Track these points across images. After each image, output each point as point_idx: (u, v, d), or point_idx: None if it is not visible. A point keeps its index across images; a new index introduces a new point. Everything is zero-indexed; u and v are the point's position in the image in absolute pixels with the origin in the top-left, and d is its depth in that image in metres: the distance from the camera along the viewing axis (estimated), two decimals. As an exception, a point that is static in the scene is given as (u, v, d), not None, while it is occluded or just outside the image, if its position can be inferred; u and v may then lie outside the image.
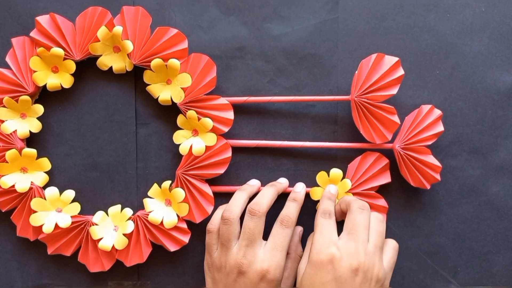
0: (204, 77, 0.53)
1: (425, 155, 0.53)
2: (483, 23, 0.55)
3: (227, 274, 0.49)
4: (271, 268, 0.48)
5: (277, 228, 0.50)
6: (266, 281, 0.48)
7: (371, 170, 0.54)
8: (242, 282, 0.48)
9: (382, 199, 0.54)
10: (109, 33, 0.53)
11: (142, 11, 0.53)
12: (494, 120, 0.55)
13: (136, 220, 0.54)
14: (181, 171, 0.53)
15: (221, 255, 0.50)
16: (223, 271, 0.49)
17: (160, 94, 0.54)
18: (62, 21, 0.53)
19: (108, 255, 0.54)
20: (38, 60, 0.53)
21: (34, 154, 0.54)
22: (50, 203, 0.54)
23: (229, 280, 0.49)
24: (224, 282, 0.49)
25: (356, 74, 0.53)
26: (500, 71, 0.55)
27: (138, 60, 0.53)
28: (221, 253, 0.50)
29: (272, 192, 0.52)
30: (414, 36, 0.55)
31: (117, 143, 0.56)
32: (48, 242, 0.54)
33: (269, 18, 0.55)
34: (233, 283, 0.48)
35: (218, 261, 0.50)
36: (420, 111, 0.53)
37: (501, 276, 0.55)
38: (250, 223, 0.49)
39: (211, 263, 0.51)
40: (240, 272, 0.48)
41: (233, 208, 0.50)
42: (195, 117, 0.53)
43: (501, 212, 0.55)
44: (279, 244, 0.49)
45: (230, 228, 0.49)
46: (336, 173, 0.54)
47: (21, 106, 0.53)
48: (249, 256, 0.48)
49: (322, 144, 0.55)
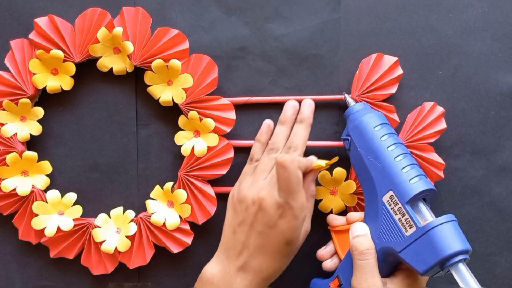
0: (205, 77, 0.53)
1: (428, 153, 0.53)
2: (486, 23, 0.55)
3: (248, 206, 0.48)
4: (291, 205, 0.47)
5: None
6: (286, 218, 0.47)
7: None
8: (260, 217, 0.47)
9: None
10: (109, 34, 0.52)
11: (142, 12, 0.53)
12: (496, 120, 0.55)
13: (139, 222, 0.54)
14: (183, 172, 0.53)
15: (249, 184, 0.49)
16: (245, 202, 0.49)
17: (161, 95, 0.54)
18: (61, 22, 0.53)
19: (111, 257, 0.54)
20: (38, 63, 0.53)
21: (35, 157, 0.53)
22: (51, 206, 0.54)
23: (249, 212, 0.48)
24: (244, 214, 0.48)
25: (357, 73, 0.53)
26: (503, 72, 0.55)
27: (138, 61, 0.52)
28: (250, 183, 0.50)
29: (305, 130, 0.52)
30: (416, 36, 0.55)
31: (118, 144, 0.56)
32: (51, 245, 0.54)
33: (271, 18, 0.55)
34: (252, 216, 0.48)
35: (244, 191, 0.49)
36: (422, 108, 0.53)
37: (504, 278, 0.55)
38: None
39: (237, 192, 0.50)
40: (259, 206, 0.48)
41: (278, 139, 0.51)
42: (197, 118, 0.53)
43: (503, 213, 0.55)
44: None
45: (273, 160, 0.50)
46: (340, 172, 0.54)
47: (21, 109, 0.53)
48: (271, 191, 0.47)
49: (324, 143, 0.55)
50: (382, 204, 0.47)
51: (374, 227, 0.48)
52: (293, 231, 0.47)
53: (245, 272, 0.48)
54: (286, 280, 0.55)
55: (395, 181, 0.46)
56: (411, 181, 0.46)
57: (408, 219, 0.45)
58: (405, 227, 0.45)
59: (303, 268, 0.56)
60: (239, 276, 0.48)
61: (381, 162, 0.47)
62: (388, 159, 0.47)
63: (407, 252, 0.44)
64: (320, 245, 0.55)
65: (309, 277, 0.55)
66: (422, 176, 0.46)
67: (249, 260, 0.48)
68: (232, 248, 0.49)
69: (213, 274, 0.48)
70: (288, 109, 0.53)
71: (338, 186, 0.54)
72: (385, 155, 0.47)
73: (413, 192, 0.45)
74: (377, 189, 0.47)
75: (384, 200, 0.47)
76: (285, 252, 0.48)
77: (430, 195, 0.47)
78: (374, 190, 0.48)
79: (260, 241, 0.47)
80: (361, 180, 0.50)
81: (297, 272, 0.56)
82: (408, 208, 0.45)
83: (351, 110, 0.52)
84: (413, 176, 0.46)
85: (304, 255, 0.55)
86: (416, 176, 0.46)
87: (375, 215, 0.48)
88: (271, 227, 0.47)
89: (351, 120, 0.51)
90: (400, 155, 0.47)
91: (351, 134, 0.50)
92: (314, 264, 0.55)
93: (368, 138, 0.49)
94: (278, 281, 0.51)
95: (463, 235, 0.44)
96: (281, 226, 0.47)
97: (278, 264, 0.48)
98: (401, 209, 0.46)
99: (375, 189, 0.48)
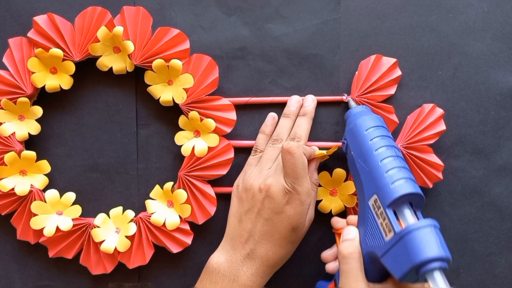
0: (206, 77, 0.53)
1: (427, 154, 0.53)
2: (486, 23, 0.55)
3: (254, 194, 0.50)
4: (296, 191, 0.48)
5: None
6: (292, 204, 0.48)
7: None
8: (267, 204, 0.49)
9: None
10: (109, 34, 0.52)
11: (143, 11, 0.53)
12: (496, 120, 0.55)
13: (139, 222, 0.54)
14: (183, 173, 0.53)
15: (255, 174, 0.51)
16: (251, 190, 0.50)
17: (161, 95, 0.53)
18: (61, 21, 0.53)
19: (110, 257, 0.54)
20: (37, 61, 0.53)
21: (33, 156, 0.53)
22: (50, 206, 0.53)
23: (255, 200, 0.49)
24: (250, 202, 0.50)
25: (356, 74, 0.54)
26: (503, 72, 0.55)
27: (139, 60, 0.52)
28: (255, 172, 0.51)
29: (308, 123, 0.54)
30: (416, 37, 0.55)
31: (118, 144, 0.56)
32: (49, 245, 0.54)
33: (271, 18, 0.55)
34: (259, 204, 0.49)
35: (250, 180, 0.51)
36: (422, 110, 0.54)
37: (504, 278, 0.55)
38: None
39: (242, 182, 0.52)
40: (267, 194, 0.49)
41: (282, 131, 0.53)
42: (198, 118, 0.53)
43: (503, 213, 0.55)
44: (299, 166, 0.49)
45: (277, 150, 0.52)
46: (339, 173, 0.54)
47: (19, 108, 0.53)
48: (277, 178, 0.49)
49: (324, 144, 0.55)
50: (368, 208, 0.46)
51: (362, 231, 0.47)
52: (299, 216, 0.49)
53: (251, 260, 0.49)
54: (286, 279, 0.55)
55: (379, 184, 0.45)
56: (393, 184, 0.44)
57: (388, 223, 0.43)
58: (385, 232, 0.44)
59: (303, 267, 0.56)
60: (246, 265, 0.48)
61: (368, 165, 0.46)
62: (374, 162, 0.46)
63: (387, 257, 0.43)
64: (320, 245, 0.55)
65: (309, 276, 0.55)
66: (407, 179, 0.44)
67: (255, 247, 0.49)
68: (238, 236, 0.50)
69: (220, 264, 0.49)
70: (292, 104, 0.54)
71: (338, 187, 0.54)
72: (372, 158, 0.46)
73: (394, 195, 0.43)
74: (364, 193, 0.47)
75: (369, 204, 0.46)
76: (290, 238, 0.49)
77: (417, 199, 0.45)
78: (363, 194, 0.47)
79: (267, 228, 0.49)
80: (355, 183, 0.49)
81: (297, 271, 0.56)
82: (388, 212, 0.43)
83: (349, 113, 0.52)
84: (396, 179, 0.44)
85: (304, 255, 0.55)
86: (399, 179, 0.44)
87: (363, 219, 0.47)
88: (278, 213, 0.48)
89: (348, 123, 0.51)
90: (387, 158, 0.46)
91: (346, 137, 0.50)
92: (314, 264, 0.55)
93: (359, 141, 0.48)
94: (279, 280, 0.51)
95: (442, 241, 0.41)
96: (287, 212, 0.48)
97: (284, 251, 0.49)
98: (383, 213, 0.44)
99: (364, 193, 0.47)
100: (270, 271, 0.49)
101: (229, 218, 0.51)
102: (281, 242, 0.49)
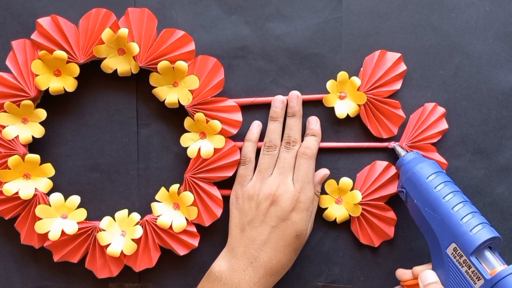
0: (211, 79, 0.52)
1: (431, 153, 0.53)
2: (488, 23, 0.55)
3: (259, 203, 0.50)
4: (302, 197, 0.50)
5: (300, 160, 0.52)
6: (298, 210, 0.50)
7: (381, 179, 0.54)
8: (273, 211, 0.50)
9: (391, 211, 0.54)
10: (114, 35, 0.52)
11: (148, 13, 0.52)
12: (498, 120, 0.55)
13: (145, 225, 0.53)
14: (189, 175, 0.53)
15: (256, 183, 0.51)
16: (255, 200, 0.51)
17: (166, 96, 0.53)
18: (64, 23, 0.52)
19: (116, 260, 0.53)
20: (40, 64, 0.52)
21: (37, 160, 0.53)
22: (55, 209, 0.53)
23: (261, 209, 0.50)
24: (254, 211, 0.50)
25: (361, 71, 0.54)
26: (504, 71, 0.55)
27: (144, 62, 0.52)
28: (256, 181, 0.51)
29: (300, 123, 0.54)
30: (418, 36, 0.55)
31: (118, 144, 0.55)
32: (54, 249, 0.53)
33: (272, 17, 0.55)
34: (264, 212, 0.50)
35: (252, 190, 0.51)
36: (424, 109, 0.54)
37: (505, 277, 0.55)
38: (285, 154, 0.52)
39: (241, 193, 0.52)
40: (273, 201, 0.50)
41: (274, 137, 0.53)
42: (204, 120, 0.52)
43: (505, 213, 0.55)
44: (305, 175, 0.51)
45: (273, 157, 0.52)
46: (346, 182, 0.54)
47: (22, 111, 0.52)
48: (283, 186, 0.50)
49: (326, 144, 0.55)
50: (447, 257, 0.46)
51: (442, 276, 0.47)
52: (303, 222, 0.50)
53: (254, 269, 0.49)
54: (287, 279, 0.55)
55: (456, 233, 0.46)
56: (472, 231, 0.45)
57: (475, 271, 0.44)
58: (473, 279, 0.45)
59: (304, 268, 0.56)
60: (248, 274, 0.49)
61: (439, 214, 0.47)
62: (445, 211, 0.46)
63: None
64: (320, 245, 0.55)
65: (310, 277, 0.55)
66: (484, 224, 0.46)
67: (258, 255, 0.49)
68: (241, 246, 0.50)
69: (222, 272, 0.49)
70: (277, 105, 0.54)
71: (344, 196, 0.55)
72: (442, 207, 0.47)
73: (476, 243, 0.44)
74: (439, 242, 0.47)
75: (448, 253, 0.46)
76: (294, 245, 0.50)
77: (496, 242, 0.46)
78: (437, 242, 0.47)
79: (273, 235, 0.49)
80: (423, 231, 0.49)
81: (297, 272, 0.56)
82: (473, 260, 0.45)
83: (402, 161, 0.51)
84: (474, 225, 0.45)
85: (304, 255, 0.55)
86: (477, 225, 0.45)
87: (442, 266, 0.47)
88: (284, 220, 0.49)
89: (403, 172, 0.51)
90: (457, 205, 0.46)
91: (405, 186, 0.50)
92: (314, 264, 0.56)
93: (423, 189, 0.48)
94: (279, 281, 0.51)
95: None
96: (293, 218, 0.50)
97: (286, 258, 0.50)
98: (467, 261, 0.45)
99: (438, 241, 0.47)
100: (272, 280, 0.50)
101: (231, 229, 0.52)
102: (285, 249, 0.49)
